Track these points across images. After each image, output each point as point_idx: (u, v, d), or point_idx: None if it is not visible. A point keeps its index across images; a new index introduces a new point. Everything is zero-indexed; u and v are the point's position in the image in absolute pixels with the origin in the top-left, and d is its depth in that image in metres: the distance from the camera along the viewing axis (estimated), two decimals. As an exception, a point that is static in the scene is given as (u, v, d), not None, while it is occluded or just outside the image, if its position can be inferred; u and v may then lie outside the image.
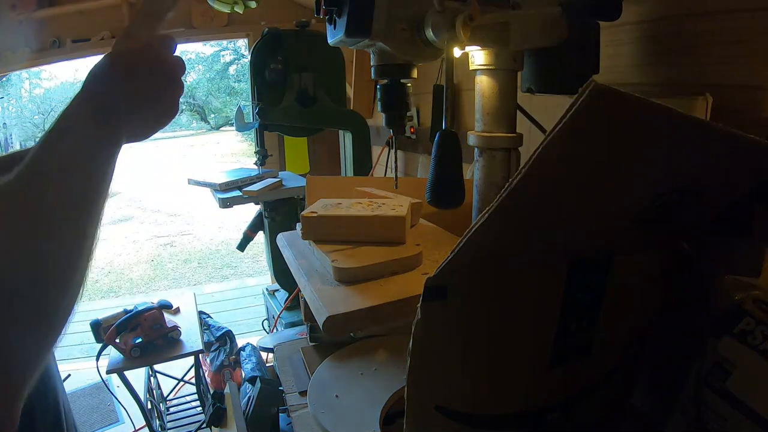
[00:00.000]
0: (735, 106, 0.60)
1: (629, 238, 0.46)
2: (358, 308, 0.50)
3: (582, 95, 0.28)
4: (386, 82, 0.59)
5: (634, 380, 0.62)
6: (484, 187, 0.62)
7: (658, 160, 0.36)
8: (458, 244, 0.37)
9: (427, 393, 0.44)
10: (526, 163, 0.31)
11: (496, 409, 0.49)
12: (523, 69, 0.61)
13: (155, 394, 2.07)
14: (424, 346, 0.41)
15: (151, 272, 5.07)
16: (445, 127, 0.55)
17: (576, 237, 0.43)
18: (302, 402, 0.81)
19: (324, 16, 0.54)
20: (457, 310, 0.41)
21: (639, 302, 0.54)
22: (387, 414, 0.71)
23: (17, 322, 0.32)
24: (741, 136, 0.35)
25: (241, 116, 1.70)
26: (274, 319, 1.80)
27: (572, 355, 0.50)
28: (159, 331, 1.70)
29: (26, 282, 0.33)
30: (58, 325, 0.35)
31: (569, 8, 0.53)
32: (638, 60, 0.74)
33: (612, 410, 0.61)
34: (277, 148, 2.49)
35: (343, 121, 1.68)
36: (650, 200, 0.40)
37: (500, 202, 0.33)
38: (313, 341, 0.99)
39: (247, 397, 1.26)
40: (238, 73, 11.59)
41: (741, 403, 0.46)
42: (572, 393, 0.53)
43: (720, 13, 0.61)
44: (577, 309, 0.47)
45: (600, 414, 0.59)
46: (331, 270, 0.57)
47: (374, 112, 2.00)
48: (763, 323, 0.47)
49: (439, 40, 0.51)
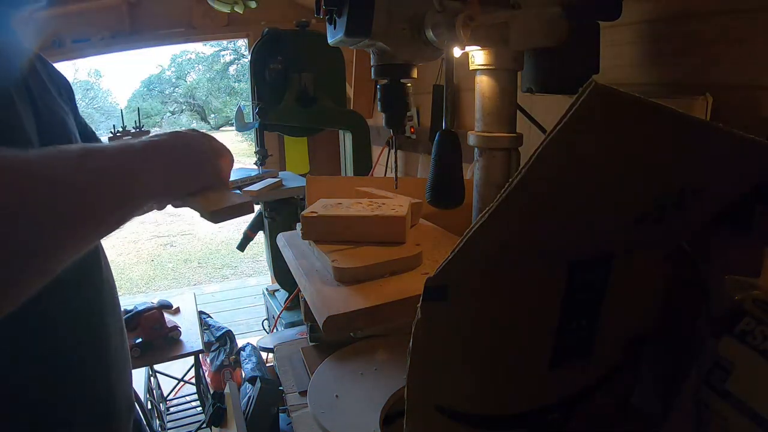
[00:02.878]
0: (735, 106, 0.60)
1: (629, 238, 0.46)
2: (358, 308, 0.50)
3: (582, 95, 0.28)
4: (386, 82, 0.59)
5: (634, 380, 0.62)
6: (484, 187, 0.62)
7: (658, 160, 0.36)
8: (458, 244, 0.37)
9: (427, 393, 0.44)
10: (526, 163, 0.31)
11: (496, 409, 0.49)
12: (523, 69, 0.61)
13: (155, 394, 2.07)
14: (424, 346, 0.41)
15: (151, 272, 5.07)
16: (445, 127, 0.55)
17: (576, 237, 0.43)
18: (302, 402, 0.81)
19: (324, 16, 0.55)
20: (457, 309, 0.41)
21: (639, 302, 0.54)
22: (387, 414, 0.71)
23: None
24: (741, 136, 0.35)
25: (241, 116, 1.70)
26: (274, 319, 1.80)
27: (572, 355, 0.50)
28: (159, 331, 1.70)
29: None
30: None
31: (569, 8, 0.53)
32: (638, 60, 0.74)
33: (612, 410, 0.61)
34: (277, 148, 2.48)
35: (343, 121, 1.68)
36: (650, 200, 0.40)
37: (500, 202, 0.33)
38: (313, 341, 0.99)
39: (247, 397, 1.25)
40: (238, 73, 11.59)
41: (741, 403, 0.46)
42: (572, 393, 0.53)
43: (720, 13, 0.61)
44: (577, 309, 0.47)
45: (600, 414, 0.59)
46: (331, 270, 0.57)
47: (374, 112, 2.00)
48: (763, 323, 0.47)
49: (439, 40, 0.51)
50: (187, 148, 0.49)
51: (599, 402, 0.56)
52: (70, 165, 0.38)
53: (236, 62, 11.57)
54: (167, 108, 11.87)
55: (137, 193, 0.43)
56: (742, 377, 0.47)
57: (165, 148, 0.47)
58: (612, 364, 0.56)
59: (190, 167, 0.49)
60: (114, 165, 0.41)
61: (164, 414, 2.10)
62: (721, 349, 0.49)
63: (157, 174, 0.45)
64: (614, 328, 0.52)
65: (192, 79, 11.82)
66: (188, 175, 0.49)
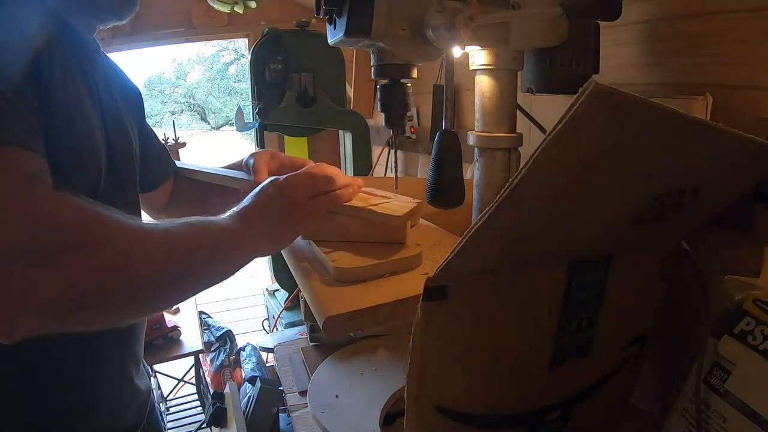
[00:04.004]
0: (735, 106, 0.60)
1: (629, 238, 0.46)
2: (358, 308, 0.50)
3: (582, 95, 0.28)
4: (386, 82, 0.59)
5: (634, 380, 0.62)
6: (484, 187, 0.62)
7: (658, 160, 0.36)
8: (458, 245, 0.37)
9: (427, 393, 0.44)
10: (526, 163, 0.31)
11: (496, 409, 0.49)
12: (523, 69, 0.61)
13: (155, 394, 2.07)
14: (424, 346, 0.41)
15: (151, 272, 5.06)
16: (445, 127, 0.55)
17: (576, 237, 0.43)
18: (302, 402, 0.81)
19: (324, 16, 0.54)
20: (457, 310, 0.41)
21: (639, 302, 0.54)
22: (387, 414, 0.71)
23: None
24: (741, 136, 0.35)
25: (241, 116, 1.70)
26: (274, 319, 1.80)
27: (572, 355, 0.50)
28: (159, 331, 1.70)
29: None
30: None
31: (569, 8, 0.53)
32: (638, 60, 0.74)
33: (612, 410, 0.61)
34: (277, 148, 2.48)
35: (343, 121, 1.68)
36: (650, 200, 0.40)
37: (500, 202, 0.33)
38: (313, 341, 0.99)
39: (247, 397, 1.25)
40: (238, 73, 11.58)
41: (741, 403, 0.46)
42: (572, 393, 0.53)
43: (720, 13, 0.61)
44: (577, 309, 0.47)
45: (600, 414, 0.59)
46: (331, 270, 0.57)
47: (374, 112, 2.00)
48: (763, 323, 0.47)
49: (439, 40, 0.51)
50: (285, 203, 0.55)
51: (599, 402, 0.56)
52: (206, 243, 0.49)
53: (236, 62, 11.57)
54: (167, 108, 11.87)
55: (250, 256, 0.53)
56: (742, 377, 0.47)
57: (265, 210, 0.54)
58: (612, 364, 0.56)
59: (288, 220, 0.55)
60: (231, 242, 0.51)
61: (164, 414, 2.10)
62: (721, 349, 0.49)
63: (262, 238, 0.53)
64: (614, 328, 0.52)
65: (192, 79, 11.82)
66: (290, 228, 0.56)
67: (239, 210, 0.54)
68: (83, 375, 0.58)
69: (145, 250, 0.43)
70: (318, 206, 0.58)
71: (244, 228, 0.52)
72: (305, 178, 0.57)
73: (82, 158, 0.51)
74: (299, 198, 0.56)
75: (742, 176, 0.45)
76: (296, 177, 0.57)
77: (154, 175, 0.75)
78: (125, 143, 0.61)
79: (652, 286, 0.55)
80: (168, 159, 0.79)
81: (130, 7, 0.57)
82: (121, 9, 0.56)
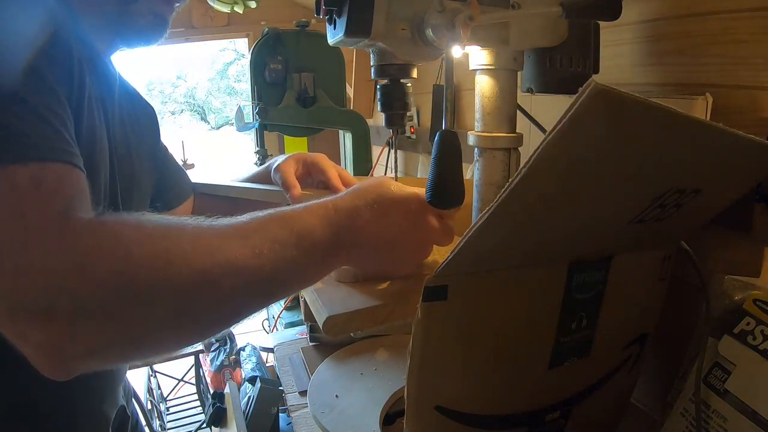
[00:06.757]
0: (735, 106, 0.60)
1: (629, 238, 0.46)
2: (358, 308, 0.50)
3: (582, 95, 0.28)
4: (386, 82, 0.59)
5: (634, 380, 0.62)
6: (484, 187, 0.62)
7: (659, 160, 0.36)
8: (458, 245, 0.37)
9: (427, 393, 0.44)
10: (526, 163, 0.31)
11: (496, 409, 0.49)
12: (523, 69, 0.61)
13: (155, 394, 2.07)
14: (424, 346, 0.41)
15: (151, 272, 5.06)
16: (445, 127, 0.55)
17: (576, 237, 0.43)
18: (302, 402, 0.81)
19: (324, 16, 0.54)
20: (457, 310, 0.41)
21: (639, 302, 0.54)
22: (387, 414, 0.71)
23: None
24: (741, 136, 0.35)
25: (241, 116, 1.70)
26: (274, 319, 1.80)
27: (572, 355, 0.50)
28: (159, 331, 1.70)
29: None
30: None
31: (569, 8, 0.53)
32: (638, 60, 0.74)
33: (612, 410, 0.61)
34: (277, 148, 2.48)
35: (343, 121, 1.68)
36: (650, 200, 0.40)
37: (500, 202, 0.33)
38: (313, 341, 0.99)
39: (247, 397, 1.25)
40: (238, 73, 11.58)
41: (741, 403, 0.46)
42: (572, 393, 0.53)
43: (720, 13, 0.61)
44: (576, 309, 0.47)
45: (600, 414, 0.59)
46: (331, 270, 0.57)
47: (374, 112, 2.00)
48: (763, 323, 0.47)
49: (439, 40, 0.51)
50: (392, 251, 0.50)
51: (599, 402, 0.56)
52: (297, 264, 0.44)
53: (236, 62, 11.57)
54: (167, 108, 11.87)
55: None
56: (742, 377, 0.47)
57: (369, 249, 0.49)
58: (612, 364, 0.56)
59: (385, 265, 0.52)
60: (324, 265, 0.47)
61: (164, 414, 2.10)
62: (721, 349, 0.49)
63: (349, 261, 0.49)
64: (614, 328, 0.52)
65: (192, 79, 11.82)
66: (381, 269, 0.53)
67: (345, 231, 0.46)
68: (57, 413, 0.53)
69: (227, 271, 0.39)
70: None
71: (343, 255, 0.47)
72: (447, 239, 0.54)
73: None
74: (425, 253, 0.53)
75: (742, 176, 0.45)
76: (442, 235, 0.53)
77: (174, 193, 0.74)
78: (129, 178, 0.58)
79: (652, 286, 0.55)
80: (186, 177, 0.77)
81: (162, 32, 0.54)
82: (154, 32, 0.54)
